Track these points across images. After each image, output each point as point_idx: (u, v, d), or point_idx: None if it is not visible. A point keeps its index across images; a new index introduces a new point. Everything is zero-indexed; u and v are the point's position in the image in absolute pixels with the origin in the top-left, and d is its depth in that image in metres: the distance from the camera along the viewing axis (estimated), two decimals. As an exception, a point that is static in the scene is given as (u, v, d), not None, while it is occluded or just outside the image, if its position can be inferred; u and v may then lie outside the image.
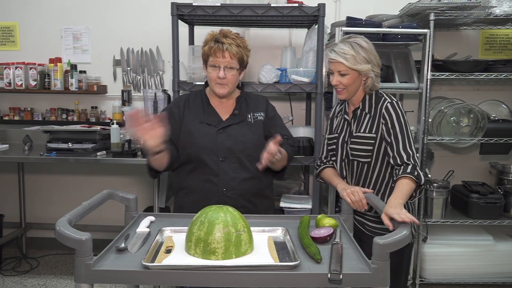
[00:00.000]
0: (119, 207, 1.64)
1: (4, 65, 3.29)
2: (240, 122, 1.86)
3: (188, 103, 1.91)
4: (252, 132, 1.85)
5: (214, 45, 1.77)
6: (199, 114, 1.87)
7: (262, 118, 1.90)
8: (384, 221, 1.42)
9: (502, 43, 3.29)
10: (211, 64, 1.80)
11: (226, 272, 1.16)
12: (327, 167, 1.97)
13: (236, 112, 1.87)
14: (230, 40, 1.78)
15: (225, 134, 1.82)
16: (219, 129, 1.83)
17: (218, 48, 1.77)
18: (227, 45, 1.76)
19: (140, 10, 3.35)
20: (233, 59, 1.78)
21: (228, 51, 1.77)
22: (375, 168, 1.82)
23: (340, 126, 1.92)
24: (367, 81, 1.80)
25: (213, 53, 1.78)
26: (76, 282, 1.16)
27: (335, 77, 1.79)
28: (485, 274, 2.91)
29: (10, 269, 3.21)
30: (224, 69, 1.78)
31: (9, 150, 2.98)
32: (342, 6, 3.23)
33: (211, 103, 1.90)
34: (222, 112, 1.88)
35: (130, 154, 2.72)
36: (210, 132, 1.82)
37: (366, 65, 1.75)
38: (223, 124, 1.84)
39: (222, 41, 1.77)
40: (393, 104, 1.78)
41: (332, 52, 1.77)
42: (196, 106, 1.90)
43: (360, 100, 1.85)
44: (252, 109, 1.91)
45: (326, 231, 1.42)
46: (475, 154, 3.30)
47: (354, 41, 1.77)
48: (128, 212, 1.61)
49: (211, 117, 1.86)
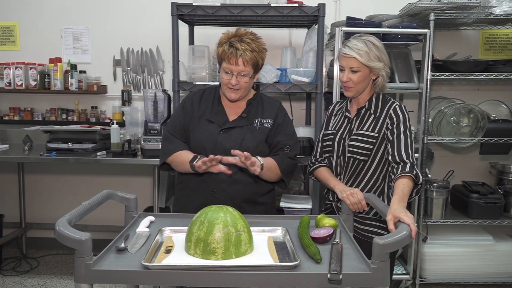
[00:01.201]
0: (119, 207, 1.64)
1: (4, 65, 3.29)
2: (245, 126, 1.83)
3: (201, 99, 1.90)
4: (253, 137, 1.82)
5: (228, 51, 1.71)
6: (207, 111, 1.86)
7: (269, 125, 1.85)
8: (389, 225, 1.38)
9: (502, 43, 3.29)
10: (224, 69, 1.76)
11: (226, 272, 1.16)
12: (322, 166, 1.95)
13: (244, 115, 1.85)
14: (245, 46, 1.71)
15: (226, 135, 1.81)
16: (222, 129, 1.82)
17: (231, 54, 1.71)
18: (241, 51, 1.70)
19: (140, 10, 3.35)
20: (246, 66, 1.73)
21: (242, 58, 1.71)
22: (371, 167, 1.82)
23: (339, 123, 1.91)
24: (377, 80, 1.81)
25: (227, 58, 1.73)
26: (76, 282, 1.16)
27: (346, 74, 1.78)
28: (485, 274, 2.91)
29: (10, 269, 3.21)
30: (237, 75, 1.74)
31: (9, 150, 2.98)
32: (342, 6, 3.23)
33: (221, 102, 1.88)
34: (231, 112, 1.87)
35: (130, 154, 2.72)
36: (213, 131, 1.81)
37: (378, 63, 1.76)
38: (227, 125, 1.83)
39: (236, 47, 1.71)
40: (401, 107, 1.81)
41: (346, 48, 1.76)
42: (207, 102, 1.89)
43: (366, 100, 1.85)
44: (261, 114, 1.87)
45: (326, 231, 1.42)
46: (475, 154, 3.30)
47: (367, 39, 1.77)
48: (128, 212, 1.61)
49: (218, 116, 1.84)
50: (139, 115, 2.96)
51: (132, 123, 2.98)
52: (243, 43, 1.71)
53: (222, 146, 1.78)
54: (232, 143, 1.78)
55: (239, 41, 1.72)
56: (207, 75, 2.67)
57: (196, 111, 1.87)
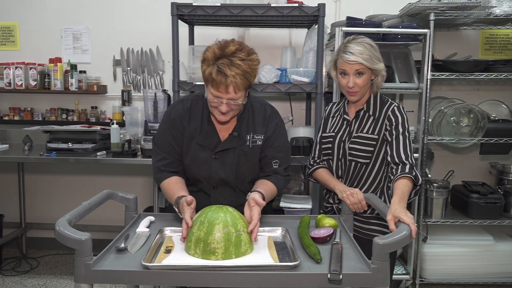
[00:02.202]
0: (119, 207, 1.64)
1: (4, 65, 3.29)
2: (238, 146, 1.70)
3: (189, 116, 1.73)
4: (247, 160, 1.71)
5: (216, 77, 1.49)
6: (197, 132, 1.71)
7: (261, 142, 1.72)
8: (389, 225, 1.38)
9: (502, 43, 3.29)
10: (212, 93, 1.55)
11: (226, 272, 1.16)
12: (321, 167, 1.93)
13: (235, 134, 1.70)
14: (235, 70, 1.48)
15: (219, 162, 1.70)
16: (214, 153, 1.70)
17: (220, 82, 1.49)
18: (231, 78, 1.48)
19: (140, 10, 3.35)
20: (238, 93, 1.53)
21: (233, 85, 1.50)
22: (373, 170, 1.82)
23: (338, 126, 1.90)
24: (375, 80, 1.81)
25: (215, 85, 1.52)
26: (76, 282, 1.16)
27: (351, 79, 1.75)
28: (485, 274, 2.91)
29: (10, 269, 3.21)
30: (227, 102, 1.55)
31: (9, 150, 2.98)
32: (342, 6, 3.23)
33: (211, 118, 1.71)
34: (222, 129, 1.72)
35: (130, 154, 2.72)
36: (205, 158, 1.70)
37: (380, 63, 1.77)
38: (220, 147, 1.70)
39: (225, 73, 1.48)
40: (399, 108, 1.81)
41: (348, 54, 1.73)
42: (196, 119, 1.72)
43: (365, 101, 1.85)
44: (252, 129, 1.72)
45: (326, 231, 1.42)
46: (475, 154, 3.30)
47: (363, 41, 1.76)
48: (128, 212, 1.61)
49: (208, 138, 1.70)
50: (139, 115, 2.96)
51: (132, 123, 2.98)
52: (233, 67, 1.49)
53: (217, 175, 1.70)
54: (227, 171, 1.69)
55: (229, 64, 1.48)
56: (207, 75, 2.66)
57: (187, 133, 1.71)
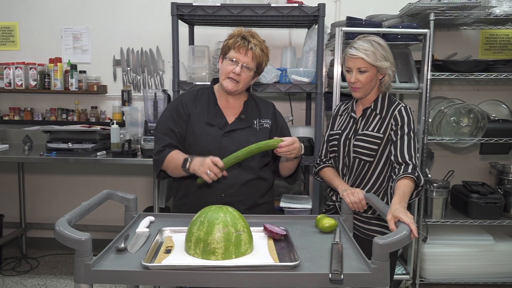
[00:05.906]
0: (119, 207, 1.64)
1: (4, 65, 3.29)
2: (246, 127, 1.83)
3: (195, 102, 1.87)
4: (257, 138, 1.78)
5: (240, 41, 1.75)
6: (205, 114, 1.83)
7: (268, 126, 1.87)
8: (389, 224, 1.38)
9: (502, 43, 3.29)
10: (230, 57, 1.76)
11: (226, 272, 1.16)
12: (327, 166, 1.96)
13: (243, 116, 1.84)
14: (256, 42, 1.77)
15: (229, 138, 1.79)
16: (224, 132, 1.80)
17: (243, 44, 1.75)
18: (252, 44, 1.75)
19: (140, 10, 3.34)
20: (253, 61, 1.77)
21: (252, 51, 1.75)
22: (376, 168, 1.82)
23: (345, 123, 1.92)
24: (383, 79, 1.81)
25: (237, 48, 1.75)
26: (75, 282, 1.16)
27: (354, 75, 1.78)
28: (485, 274, 2.91)
29: (10, 269, 3.21)
30: (242, 66, 1.76)
31: (9, 150, 2.98)
32: (342, 6, 3.23)
33: (218, 103, 1.86)
34: (229, 113, 1.85)
35: (130, 154, 2.72)
36: (215, 134, 1.79)
37: (385, 62, 1.76)
38: (229, 127, 1.81)
39: (249, 40, 1.75)
40: (406, 108, 1.82)
41: (352, 49, 1.76)
42: (202, 104, 1.86)
43: (372, 100, 1.86)
44: (258, 115, 1.88)
45: (279, 230, 1.42)
46: (475, 154, 3.30)
47: (372, 39, 1.78)
48: (128, 212, 1.61)
49: (217, 118, 1.82)
50: (139, 115, 2.95)
51: (132, 123, 2.98)
52: (255, 39, 1.77)
53: (227, 149, 1.75)
54: (237, 146, 1.74)
55: (252, 36, 1.77)
56: (207, 75, 2.66)
57: (193, 115, 1.83)
